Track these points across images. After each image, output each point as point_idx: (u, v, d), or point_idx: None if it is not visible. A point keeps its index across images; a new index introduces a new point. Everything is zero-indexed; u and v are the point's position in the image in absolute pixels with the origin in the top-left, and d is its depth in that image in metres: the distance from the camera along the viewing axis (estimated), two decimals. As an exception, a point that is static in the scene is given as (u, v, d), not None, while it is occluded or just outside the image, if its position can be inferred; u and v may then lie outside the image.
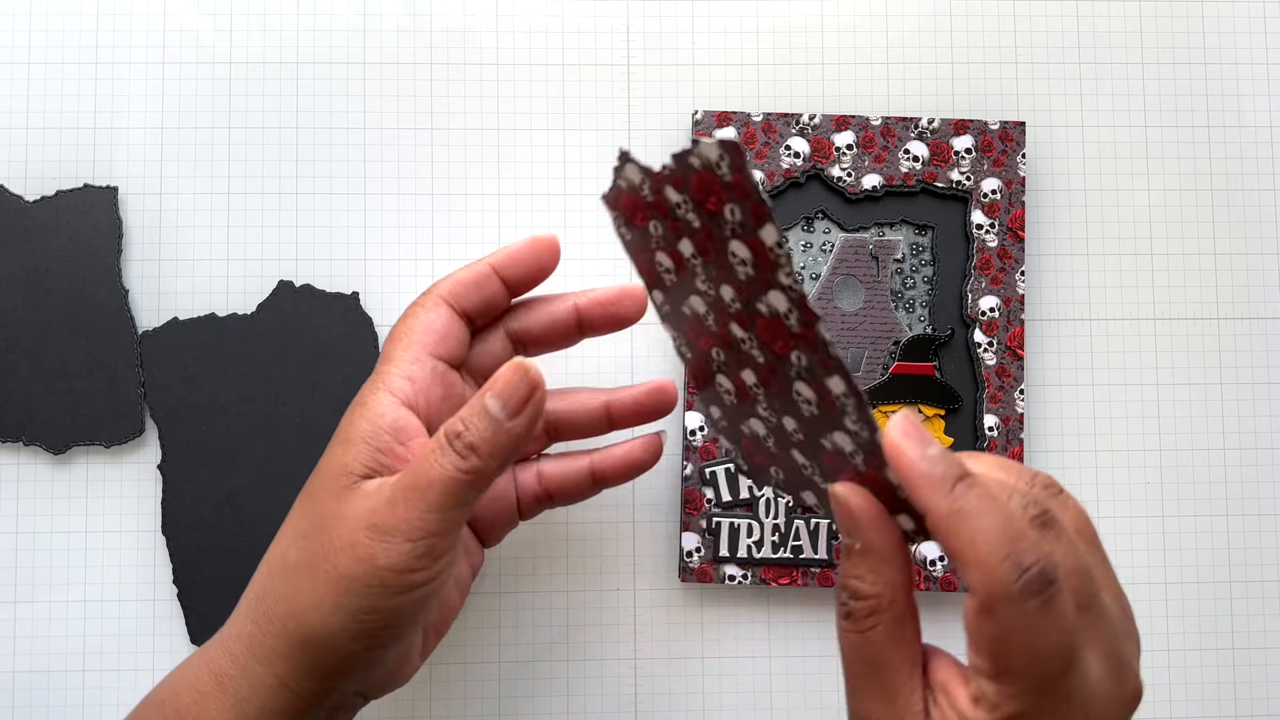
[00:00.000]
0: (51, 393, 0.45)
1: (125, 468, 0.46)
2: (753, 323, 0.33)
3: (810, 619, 0.47)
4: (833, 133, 0.46)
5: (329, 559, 0.33)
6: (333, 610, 0.32)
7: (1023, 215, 0.46)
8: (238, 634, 0.34)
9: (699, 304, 0.35)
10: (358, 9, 0.48)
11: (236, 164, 0.47)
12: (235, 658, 0.34)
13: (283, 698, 0.33)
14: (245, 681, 0.33)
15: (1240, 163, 0.49)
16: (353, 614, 0.32)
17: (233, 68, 0.47)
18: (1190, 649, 0.47)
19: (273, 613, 0.33)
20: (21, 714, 0.45)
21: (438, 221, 0.47)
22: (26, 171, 0.46)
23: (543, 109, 0.48)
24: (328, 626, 0.32)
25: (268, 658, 0.33)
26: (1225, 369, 0.49)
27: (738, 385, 0.35)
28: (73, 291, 0.45)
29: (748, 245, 0.32)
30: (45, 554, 0.45)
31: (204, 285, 0.46)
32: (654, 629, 0.46)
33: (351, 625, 0.32)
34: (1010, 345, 0.46)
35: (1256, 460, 0.48)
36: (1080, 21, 0.49)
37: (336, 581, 0.32)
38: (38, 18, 0.47)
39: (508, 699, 0.46)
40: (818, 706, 0.46)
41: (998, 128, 0.46)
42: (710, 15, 0.48)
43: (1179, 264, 0.49)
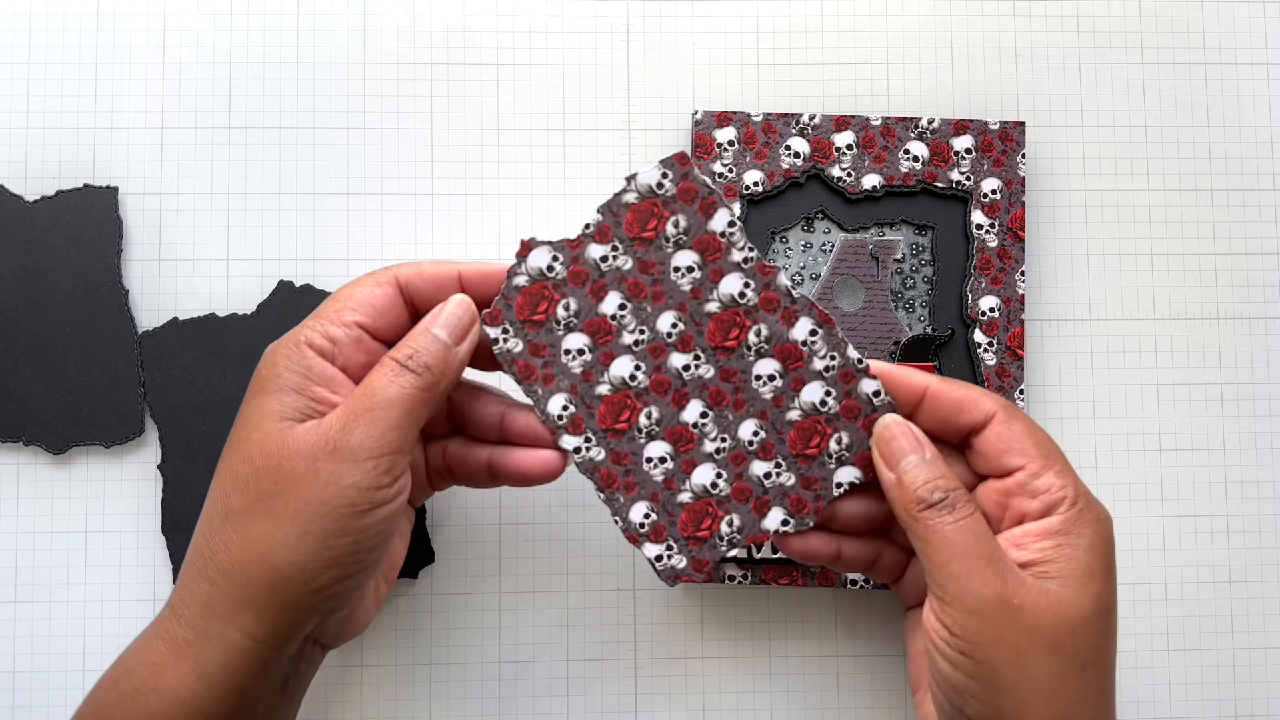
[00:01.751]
0: (51, 393, 0.45)
1: (125, 468, 0.46)
2: (700, 334, 0.37)
3: (810, 619, 0.47)
4: (833, 133, 0.46)
5: (287, 492, 0.33)
6: (299, 539, 0.33)
7: (1023, 215, 0.46)
8: (190, 598, 0.34)
9: (624, 367, 0.37)
10: (358, 9, 0.48)
11: (236, 164, 0.47)
12: (190, 621, 0.34)
13: (247, 651, 0.33)
14: (205, 643, 0.33)
15: (1240, 163, 0.49)
16: (321, 539, 0.33)
17: (233, 68, 0.47)
18: (1190, 649, 0.47)
19: (231, 564, 0.33)
20: (21, 714, 0.45)
21: (438, 221, 0.47)
22: (26, 171, 0.46)
23: (543, 109, 0.48)
24: (297, 558, 0.33)
25: (230, 612, 0.33)
26: (1225, 369, 0.49)
27: (675, 438, 0.38)
28: (73, 291, 0.45)
29: (694, 248, 0.36)
30: (45, 554, 0.45)
31: (204, 285, 0.46)
32: (654, 629, 0.46)
33: (322, 552, 0.33)
34: (1010, 345, 0.46)
35: (1256, 460, 0.48)
36: (1080, 21, 0.49)
37: (300, 511, 0.33)
38: (38, 18, 0.47)
39: (508, 699, 0.46)
40: (818, 706, 0.46)
41: (998, 128, 0.46)
42: (710, 15, 0.48)
43: (1179, 264, 0.49)
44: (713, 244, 0.36)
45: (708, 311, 0.37)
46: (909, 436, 0.37)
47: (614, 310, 0.37)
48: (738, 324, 0.37)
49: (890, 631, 0.47)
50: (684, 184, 0.36)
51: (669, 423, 0.38)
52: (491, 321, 0.37)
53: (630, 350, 0.37)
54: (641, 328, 0.37)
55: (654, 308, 0.37)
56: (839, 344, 0.37)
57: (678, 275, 0.37)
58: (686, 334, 0.37)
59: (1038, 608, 0.34)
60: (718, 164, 0.45)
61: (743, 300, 0.37)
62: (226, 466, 0.35)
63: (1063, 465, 0.37)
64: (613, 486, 0.38)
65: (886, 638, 0.47)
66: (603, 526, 0.47)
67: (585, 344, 0.37)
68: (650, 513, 0.38)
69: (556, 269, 0.37)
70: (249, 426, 0.35)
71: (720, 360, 0.37)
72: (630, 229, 0.36)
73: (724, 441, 0.38)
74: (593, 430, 0.38)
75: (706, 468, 0.38)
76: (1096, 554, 0.36)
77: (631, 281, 0.37)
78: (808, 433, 0.38)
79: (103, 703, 0.34)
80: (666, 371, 0.37)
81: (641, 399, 0.37)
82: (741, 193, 0.45)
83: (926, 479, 0.36)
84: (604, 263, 0.37)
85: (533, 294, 0.37)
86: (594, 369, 0.37)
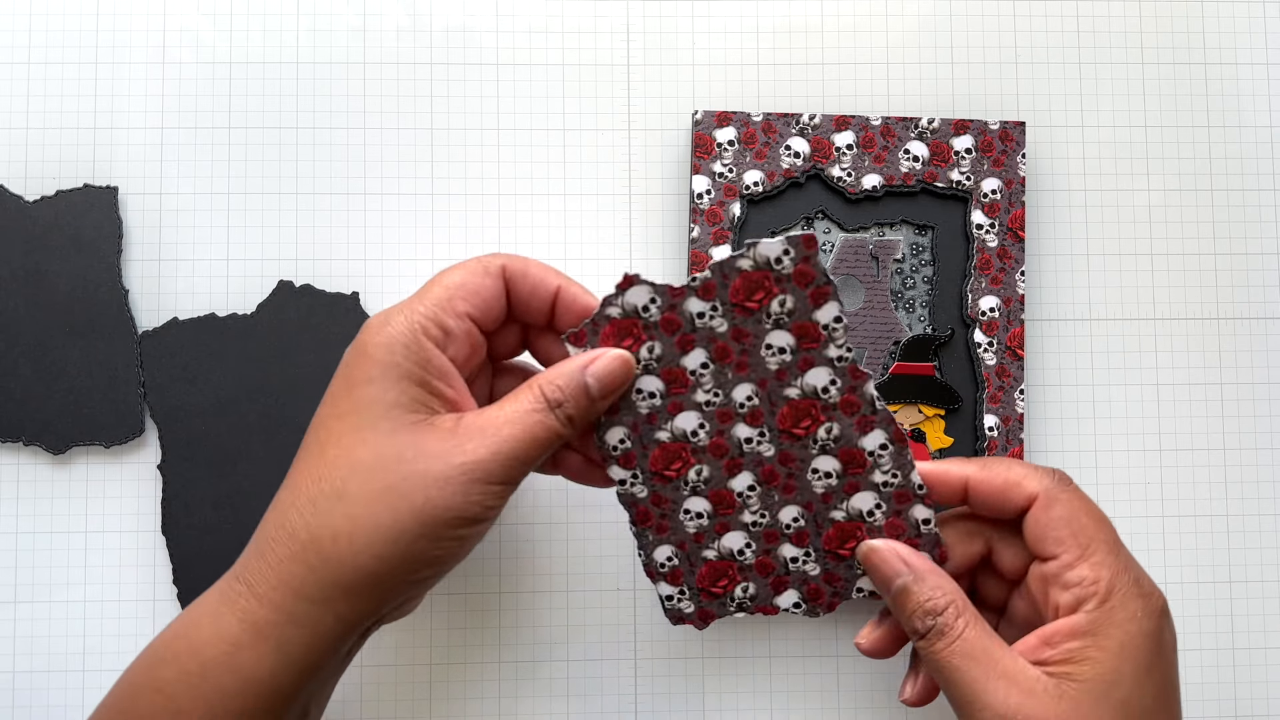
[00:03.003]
0: (51, 393, 0.45)
1: (125, 468, 0.46)
2: (772, 414, 0.37)
3: (810, 619, 0.47)
4: (833, 133, 0.46)
5: (415, 491, 0.33)
6: (414, 539, 0.33)
7: (1023, 215, 0.46)
8: (277, 580, 0.33)
9: (689, 421, 0.37)
10: (358, 9, 0.48)
11: (236, 164, 0.47)
12: (277, 604, 0.33)
13: (334, 634, 0.34)
14: (291, 626, 0.33)
15: (1240, 163, 0.49)
16: (435, 541, 0.34)
17: (233, 68, 0.47)
18: (1190, 649, 0.47)
19: (338, 551, 0.33)
20: (21, 714, 0.45)
21: (438, 221, 0.47)
22: (26, 171, 0.46)
23: (543, 109, 0.48)
24: (410, 554, 0.33)
25: (327, 597, 0.33)
26: (1225, 369, 0.49)
27: (718, 500, 0.38)
28: (73, 291, 0.45)
29: (793, 331, 0.36)
30: (45, 554, 0.45)
31: (204, 285, 0.46)
32: (654, 629, 0.46)
33: (431, 551, 0.34)
34: (1010, 345, 0.46)
35: (1256, 460, 0.48)
36: (1080, 21, 0.49)
37: (422, 512, 0.33)
38: (38, 18, 0.47)
39: (508, 699, 0.46)
40: (818, 707, 0.46)
41: (998, 128, 0.46)
42: (710, 15, 0.48)
43: (1179, 264, 0.49)
44: (812, 333, 0.36)
45: (786, 395, 0.37)
46: (891, 560, 0.37)
47: (695, 366, 0.37)
48: (812, 416, 0.37)
49: (890, 631, 0.47)
50: (803, 266, 0.36)
51: (716, 485, 0.38)
52: (575, 342, 0.37)
53: (699, 408, 0.37)
54: (717, 391, 0.37)
55: (735, 376, 0.37)
56: (905, 465, 0.37)
57: (768, 353, 0.37)
58: (759, 410, 0.37)
59: (1046, 718, 0.33)
60: (718, 164, 0.45)
61: (825, 396, 0.37)
62: (340, 446, 0.34)
63: (1103, 555, 0.35)
64: (646, 523, 0.39)
65: (886, 638, 0.47)
66: (603, 527, 0.47)
67: (658, 389, 0.37)
68: (674, 557, 0.39)
69: (652, 311, 0.36)
70: (370, 411, 0.34)
71: (783, 444, 0.38)
72: (735, 295, 0.36)
73: (763, 518, 0.38)
74: (642, 469, 0.38)
75: (738, 535, 0.39)
76: (1127, 656, 0.34)
77: (721, 345, 0.37)
78: (846, 535, 0.38)
79: (163, 678, 0.34)
80: (729, 439, 0.38)
81: (697, 456, 0.38)
82: (741, 193, 0.45)
83: (914, 606, 0.36)
84: (700, 319, 0.37)
85: (622, 328, 0.37)
86: (660, 415, 0.37)
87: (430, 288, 0.36)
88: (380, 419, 0.34)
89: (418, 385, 0.35)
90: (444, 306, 0.35)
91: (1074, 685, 0.33)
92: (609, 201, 0.47)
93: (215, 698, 0.33)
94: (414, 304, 0.35)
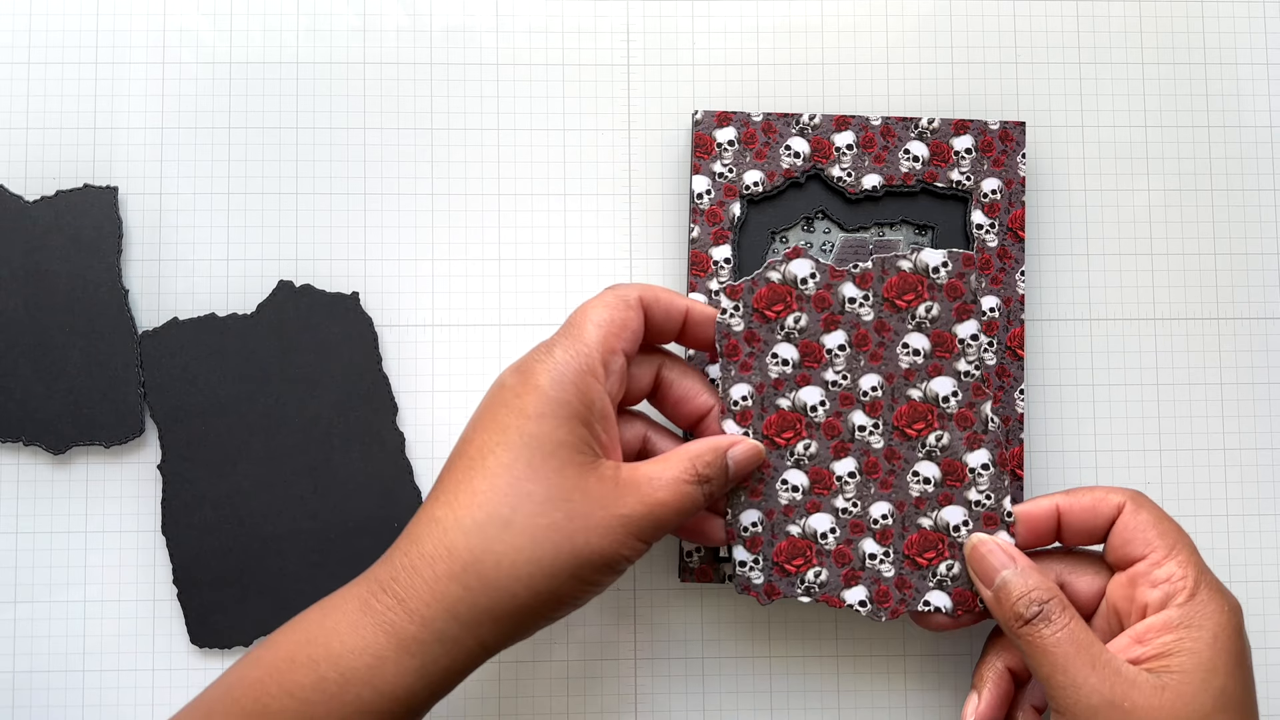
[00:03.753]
0: (51, 393, 0.45)
1: (125, 468, 0.46)
2: (891, 409, 0.39)
3: (810, 619, 0.47)
4: (833, 133, 0.46)
5: (578, 533, 0.34)
6: (567, 578, 0.34)
7: (1023, 215, 0.46)
8: (432, 598, 0.34)
9: (812, 395, 0.39)
10: (358, 9, 0.48)
11: (236, 164, 0.47)
12: (427, 622, 0.34)
13: (472, 658, 0.34)
14: (438, 645, 0.34)
15: (1240, 163, 0.49)
16: (581, 583, 0.35)
17: (233, 68, 0.47)
18: (1190, 649, 0.47)
19: (499, 578, 0.34)
20: (21, 714, 0.45)
21: (438, 221, 0.47)
22: (26, 171, 0.46)
23: (543, 109, 0.48)
24: (557, 592, 0.34)
25: (477, 622, 0.34)
26: (1225, 369, 0.49)
27: (816, 478, 0.40)
28: (73, 291, 0.45)
29: (931, 338, 0.39)
30: (45, 554, 0.45)
31: (204, 285, 0.46)
32: (654, 629, 0.46)
33: (574, 592, 0.35)
34: (1010, 345, 0.46)
35: (1256, 460, 0.48)
36: (1080, 21, 0.49)
37: (579, 553, 0.34)
38: (38, 18, 0.47)
39: (508, 699, 0.46)
40: (818, 706, 0.46)
41: (998, 128, 0.46)
42: (710, 15, 0.48)
43: (1179, 264, 0.49)
44: (949, 343, 0.39)
45: (909, 395, 0.39)
46: (998, 553, 0.38)
47: (834, 346, 0.39)
48: (927, 420, 0.39)
49: (890, 632, 0.47)
50: (956, 280, 0.39)
51: (820, 463, 0.39)
52: (731, 295, 0.39)
53: (826, 386, 0.39)
54: (846, 374, 0.39)
55: (867, 364, 0.39)
56: (1001, 490, 0.39)
57: (903, 351, 0.39)
58: (879, 402, 0.39)
59: (1150, 708, 0.34)
60: (718, 164, 0.45)
61: (944, 405, 0.39)
62: (511, 476, 0.35)
63: (1187, 555, 0.37)
64: (744, 483, 0.40)
65: (886, 638, 0.47)
66: (603, 526, 0.47)
67: (793, 358, 0.39)
68: (759, 524, 0.40)
69: (809, 284, 0.39)
70: (542, 447, 0.35)
71: (894, 440, 0.39)
72: (889, 290, 0.39)
73: (854, 506, 0.40)
74: (755, 429, 0.39)
75: (826, 518, 0.40)
76: (1220, 647, 0.35)
77: (862, 332, 0.39)
78: (928, 544, 0.39)
79: (298, 683, 0.34)
80: (844, 422, 0.39)
81: (810, 430, 0.39)
82: (741, 193, 0.45)
83: (1020, 594, 0.37)
84: (850, 303, 0.39)
85: (778, 293, 0.39)
86: (786, 382, 0.39)
87: (582, 325, 0.37)
88: (550, 456, 0.35)
89: (584, 426, 0.36)
90: (604, 345, 0.36)
91: (1173, 677, 0.34)
92: (609, 201, 0.48)
93: (352, 710, 0.33)
94: (573, 342, 0.36)
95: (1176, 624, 0.36)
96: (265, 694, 0.34)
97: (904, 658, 0.47)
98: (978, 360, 0.39)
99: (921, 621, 0.41)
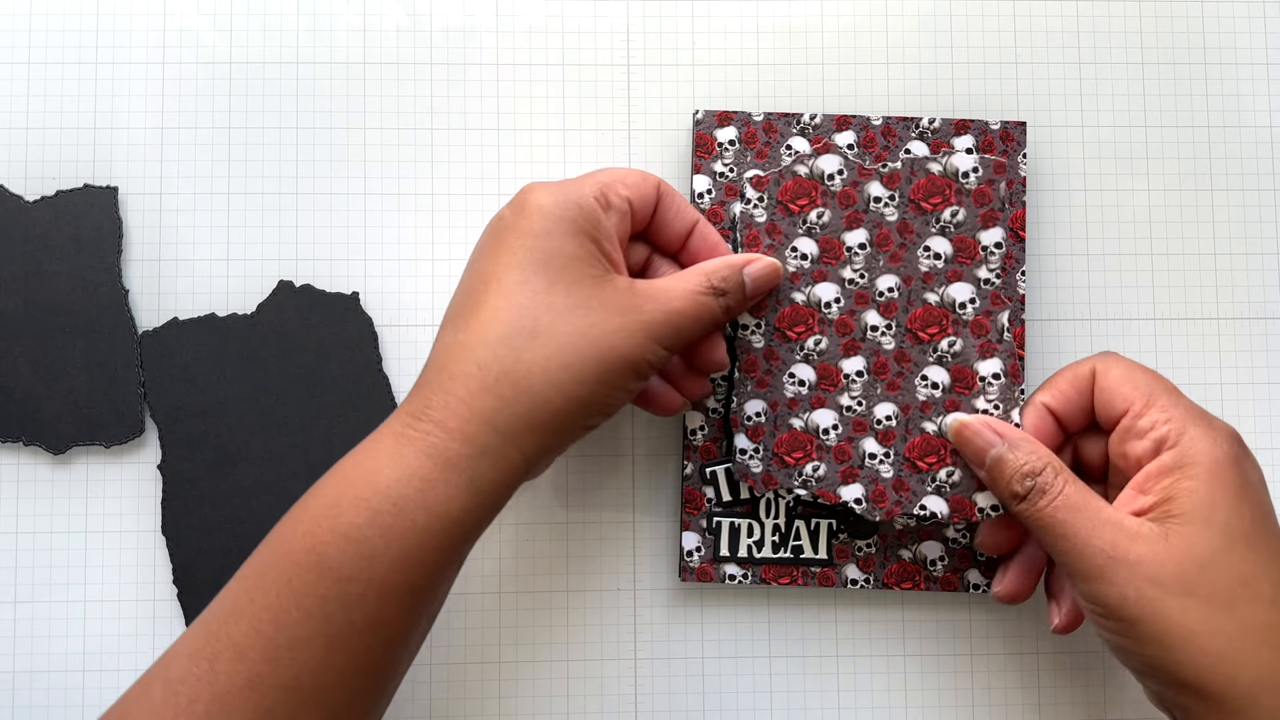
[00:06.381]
0: (51, 393, 0.45)
1: (125, 468, 0.46)
2: (906, 310, 0.39)
3: (810, 619, 0.47)
4: (834, 132, 0.46)
5: (601, 338, 0.35)
6: (596, 383, 0.35)
7: (1023, 215, 0.46)
8: (469, 413, 0.34)
9: (828, 291, 0.39)
10: (358, 9, 0.48)
11: (236, 164, 0.47)
12: (469, 437, 0.34)
13: (517, 469, 0.35)
14: (483, 459, 0.34)
15: (1240, 163, 0.49)
16: (610, 388, 0.36)
17: (233, 68, 0.47)
18: (1190, 649, 0.47)
19: (531, 384, 0.34)
20: (21, 714, 0.45)
21: (438, 221, 0.47)
22: (26, 171, 0.46)
23: (543, 109, 0.48)
24: (589, 398, 0.35)
25: (515, 430, 0.34)
26: (1225, 369, 0.49)
27: (824, 374, 0.40)
28: (73, 291, 0.45)
29: (954, 243, 0.39)
30: (45, 554, 0.45)
31: (204, 285, 0.46)
32: (654, 629, 0.46)
33: (604, 399, 0.36)
34: (1010, 345, 0.46)
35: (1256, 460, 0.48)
36: (1080, 21, 0.49)
37: (605, 359, 0.35)
38: (38, 18, 0.47)
39: (508, 699, 0.46)
40: (818, 706, 0.46)
41: (998, 128, 0.46)
42: (710, 15, 0.48)
43: (1179, 264, 0.49)
44: (972, 250, 0.38)
45: (925, 299, 0.39)
46: (984, 432, 0.38)
47: (854, 244, 0.39)
48: (941, 325, 0.39)
49: (890, 631, 0.47)
50: (985, 187, 0.38)
51: (829, 359, 0.39)
52: (756, 186, 0.40)
53: (842, 283, 0.39)
54: (864, 272, 0.39)
55: (886, 265, 0.39)
56: (1010, 400, 0.38)
57: (925, 254, 0.39)
58: (894, 303, 0.39)
59: (1157, 556, 0.34)
60: (718, 163, 0.45)
61: (961, 311, 0.39)
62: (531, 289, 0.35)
63: (1167, 400, 0.37)
64: (751, 373, 0.40)
65: (887, 638, 0.47)
66: (603, 527, 0.47)
67: (813, 253, 0.39)
68: (763, 414, 0.40)
69: (836, 181, 0.39)
70: (555, 261, 0.35)
71: (905, 343, 0.39)
72: (916, 192, 0.39)
73: (859, 405, 0.39)
74: (767, 322, 0.40)
75: (830, 414, 0.40)
76: (1218, 482, 0.35)
77: (884, 232, 0.39)
78: (930, 449, 0.39)
79: (351, 524, 0.33)
80: (857, 321, 0.39)
81: (822, 326, 0.39)
82: (742, 192, 0.45)
83: (1011, 471, 0.37)
84: (876, 202, 0.39)
85: (804, 187, 0.39)
86: (804, 277, 0.39)
87: (592, 174, 0.38)
88: (564, 269, 0.35)
89: (592, 241, 0.36)
90: (609, 185, 0.37)
91: (1176, 521, 0.34)
92: (609, 201, 0.47)
93: (410, 537, 0.33)
94: (577, 180, 0.37)
95: (1170, 467, 0.35)
96: (318, 542, 0.33)
97: (904, 658, 0.47)
98: (998, 269, 0.38)
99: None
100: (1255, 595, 0.34)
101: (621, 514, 0.47)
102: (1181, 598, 0.33)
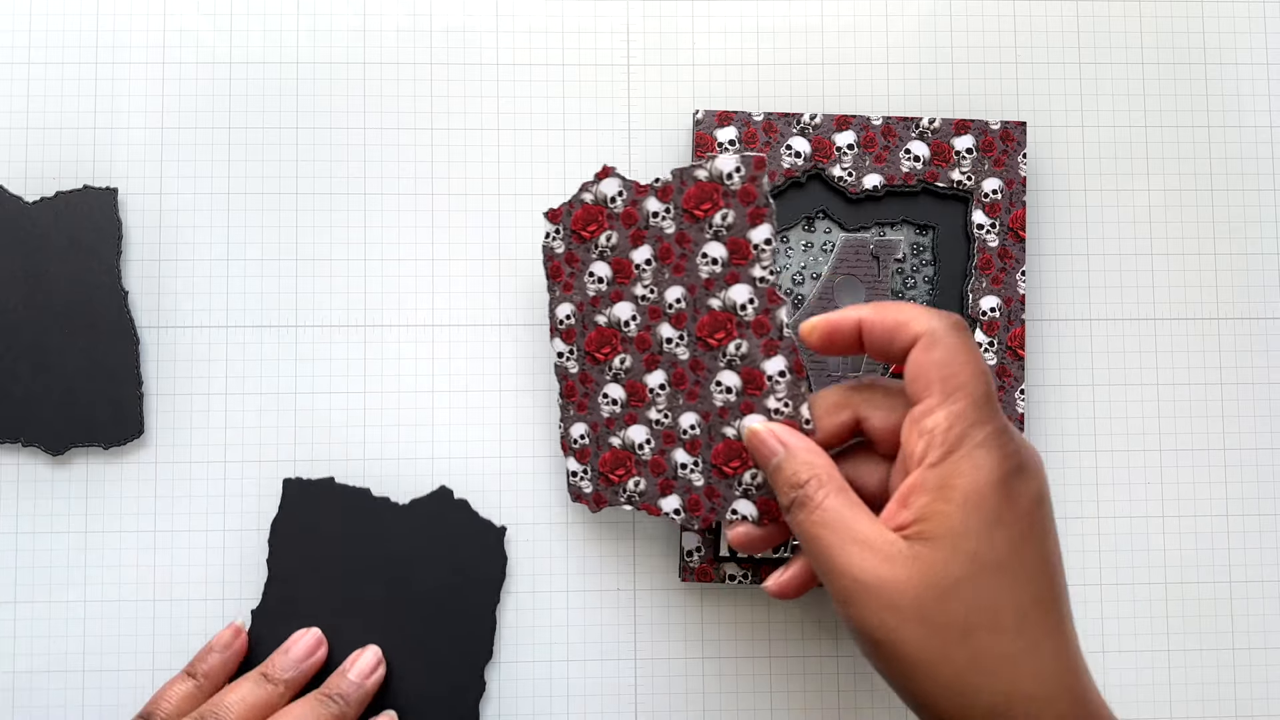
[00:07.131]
0: (51, 393, 0.45)
1: (125, 468, 0.46)
2: (694, 320, 0.40)
3: (810, 619, 0.47)
4: (834, 132, 0.46)
5: None
6: None
7: (1023, 215, 0.46)
8: None
9: (624, 310, 0.41)
10: (358, 9, 0.48)
11: (236, 164, 0.47)
12: None
13: None
14: None
15: (1240, 163, 0.49)
16: None
17: (233, 68, 0.47)
18: (1190, 649, 0.47)
19: None
20: (21, 714, 0.45)
21: (438, 221, 0.47)
22: (26, 171, 0.46)
23: (543, 109, 0.48)
24: None
25: None
26: (1225, 369, 0.49)
27: (632, 391, 0.41)
28: (73, 292, 0.45)
29: (727, 245, 0.39)
30: (45, 554, 0.45)
31: (204, 285, 0.46)
32: (654, 629, 0.46)
33: None
34: (1011, 345, 0.46)
35: (1256, 460, 0.48)
36: (1080, 21, 0.49)
37: None
38: (38, 18, 0.47)
39: (508, 699, 0.46)
40: (818, 706, 0.46)
41: (998, 128, 0.46)
42: (710, 15, 0.48)
43: (1179, 264, 0.49)
44: (744, 250, 0.39)
45: (709, 305, 0.39)
46: (769, 440, 0.37)
47: (641, 261, 0.40)
48: (726, 330, 0.39)
49: (890, 631, 0.47)
50: (749, 185, 0.38)
51: (634, 376, 0.41)
52: (551, 219, 0.41)
53: (636, 301, 0.40)
54: (654, 287, 0.40)
55: (671, 277, 0.40)
56: (798, 397, 0.38)
57: (703, 261, 0.39)
58: (683, 314, 0.40)
59: (899, 583, 0.32)
60: (718, 164, 0.45)
61: (742, 312, 0.39)
62: None
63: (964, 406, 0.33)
64: (571, 397, 0.42)
65: (887, 638, 0.47)
66: (602, 527, 0.47)
67: (606, 275, 0.41)
68: (585, 436, 0.42)
69: (618, 202, 0.40)
70: None
71: (698, 351, 0.40)
72: (688, 201, 0.39)
73: (666, 418, 0.41)
74: (579, 347, 0.41)
75: (642, 429, 0.41)
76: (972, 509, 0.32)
77: (665, 246, 0.40)
78: (733, 454, 0.40)
79: None
80: (654, 335, 0.40)
81: (624, 345, 0.41)
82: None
83: (780, 483, 0.36)
84: (654, 218, 0.40)
85: (591, 213, 0.40)
86: (602, 299, 0.41)
87: None
88: None
89: None
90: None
91: (925, 545, 0.32)
92: (609, 201, 0.48)
93: None
94: None
95: (931, 486, 0.33)
96: None
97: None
98: (770, 266, 0.38)
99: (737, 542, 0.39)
100: (994, 624, 0.32)
101: (621, 514, 0.47)
102: (917, 625, 0.32)
